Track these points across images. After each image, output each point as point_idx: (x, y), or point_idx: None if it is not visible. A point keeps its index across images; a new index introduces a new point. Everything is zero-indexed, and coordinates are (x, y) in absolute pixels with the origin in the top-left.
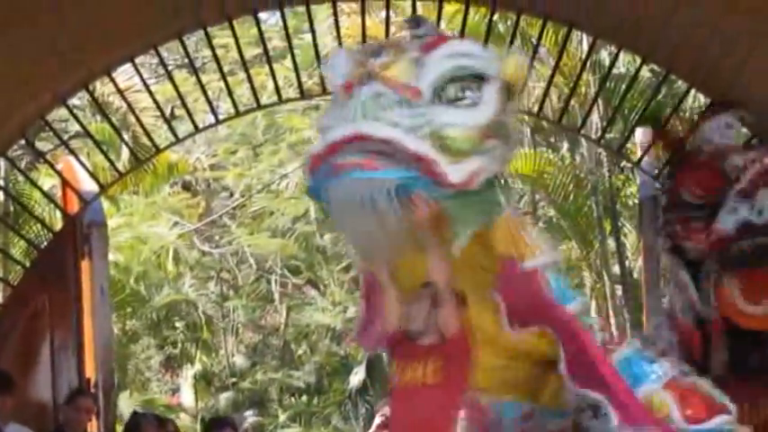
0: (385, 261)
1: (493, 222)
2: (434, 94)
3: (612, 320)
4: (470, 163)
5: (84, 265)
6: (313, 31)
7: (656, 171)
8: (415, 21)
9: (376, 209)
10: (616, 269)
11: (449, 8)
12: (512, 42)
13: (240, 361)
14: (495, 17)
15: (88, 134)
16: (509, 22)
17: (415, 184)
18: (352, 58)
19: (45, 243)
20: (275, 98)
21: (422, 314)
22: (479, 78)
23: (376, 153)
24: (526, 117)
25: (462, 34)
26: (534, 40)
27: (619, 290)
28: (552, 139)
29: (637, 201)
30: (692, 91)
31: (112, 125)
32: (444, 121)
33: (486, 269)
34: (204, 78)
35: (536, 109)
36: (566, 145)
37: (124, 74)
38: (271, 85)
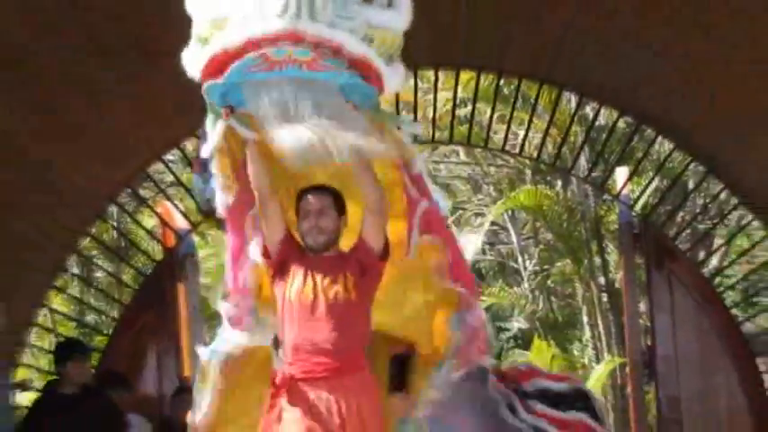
0: (318, 165)
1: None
2: None
3: (600, 322)
4: (399, 67)
5: (180, 287)
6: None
7: (632, 202)
8: None
9: (320, 114)
10: (602, 280)
11: (464, 75)
12: (515, 102)
13: None
14: (502, 82)
15: (180, 183)
16: (512, 86)
17: (356, 89)
18: None
19: (149, 271)
20: None
21: (330, 229)
22: None
23: (316, 52)
24: (527, 161)
25: (475, 96)
26: (533, 100)
27: (604, 297)
28: (549, 178)
29: (617, 225)
30: (660, 138)
31: None
32: (373, 22)
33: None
34: None
35: (535, 154)
36: (560, 182)
37: None
38: None
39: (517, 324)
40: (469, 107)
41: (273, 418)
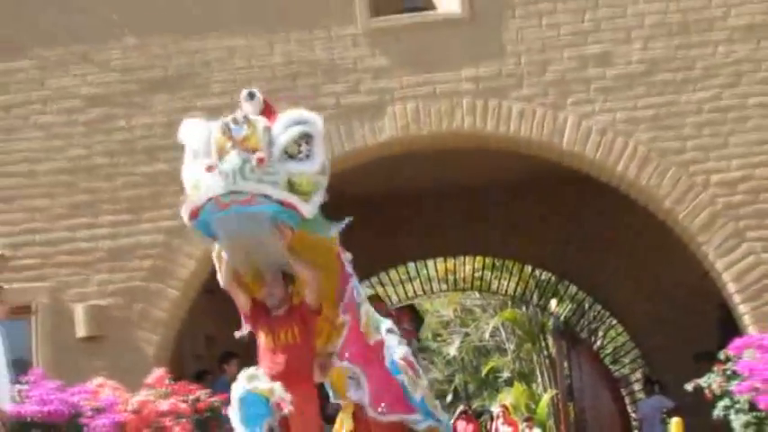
0: (249, 265)
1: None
2: (282, 152)
3: (545, 373)
4: (315, 199)
5: None
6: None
7: (559, 316)
8: (250, 94)
9: (256, 232)
10: (545, 353)
11: (478, 258)
12: (501, 270)
13: None
14: (496, 260)
15: None
16: (499, 262)
17: (282, 215)
18: (219, 127)
19: None
20: None
21: (279, 294)
22: (308, 135)
23: (252, 196)
24: (510, 297)
25: (483, 267)
26: (510, 268)
27: (547, 362)
28: (520, 305)
29: (551, 328)
30: (570, 284)
31: None
32: (293, 172)
33: (332, 270)
34: None
35: (512, 294)
36: (524, 307)
37: None
38: None
39: (506, 374)
40: (480, 272)
41: None
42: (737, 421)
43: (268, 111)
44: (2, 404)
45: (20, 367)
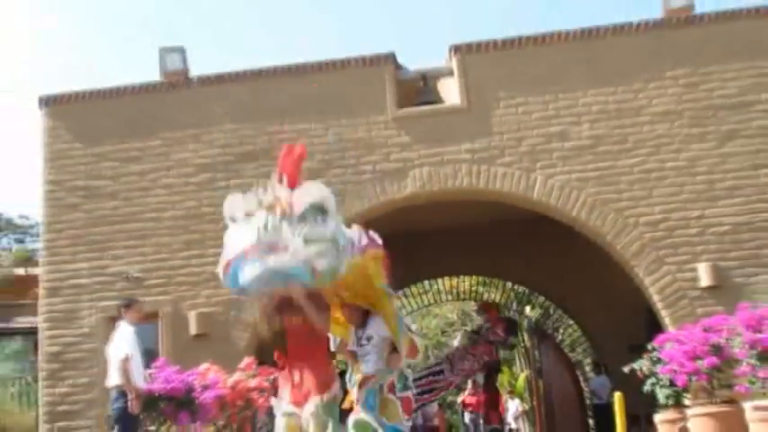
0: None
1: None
2: (300, 217)
3: (523, 360)
4: (326, 257)
5: None
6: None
7: (533, 318)
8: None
9: (272, 284)
10: (522, 345)
11: (475, 278)
12: (490, 286)
13: None
14: (487, 280)
15: None
16: (489, 281)
17: (297, 274)
18: (252, 196)
19: None
20: None
21: (298, 321)
22: (322, 208)
23: (273, 251)
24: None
25: (477, 282)
26: (494, 284)
27: (523, 350)
28: (506, 309)
29: (526, 326)
30: (540, 296)
31: None
32: (308, 233)
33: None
34: None
35: (500, 302)
36: (506, 312)
37: None
38: None
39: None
40: (476, 287)
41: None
42: (661, 394)
43: (292, 185)
44: (138, 383)
45: (150, 357)
